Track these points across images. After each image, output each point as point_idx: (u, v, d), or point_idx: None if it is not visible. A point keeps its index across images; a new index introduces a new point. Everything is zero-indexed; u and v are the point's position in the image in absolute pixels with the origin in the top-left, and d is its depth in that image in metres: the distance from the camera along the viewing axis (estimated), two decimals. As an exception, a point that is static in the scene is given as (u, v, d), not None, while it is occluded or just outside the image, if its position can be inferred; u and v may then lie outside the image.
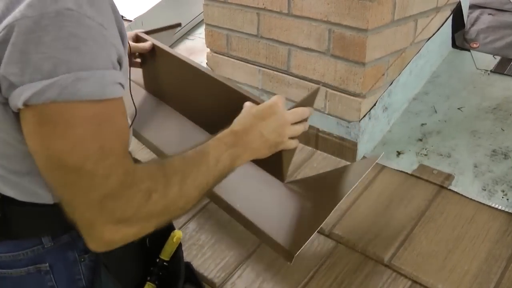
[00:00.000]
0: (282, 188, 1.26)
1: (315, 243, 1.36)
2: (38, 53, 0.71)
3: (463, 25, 1.87)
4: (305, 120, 1.14)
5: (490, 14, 2.00)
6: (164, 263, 1.18)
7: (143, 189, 0.81)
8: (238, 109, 1.11)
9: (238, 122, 1.06)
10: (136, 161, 0.95)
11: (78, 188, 0.77)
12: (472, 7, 1.99)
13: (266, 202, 1.26)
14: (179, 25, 1.89)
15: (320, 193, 1.25)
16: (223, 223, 1.48)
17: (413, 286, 1.21)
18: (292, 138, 1.11)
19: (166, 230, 1.19)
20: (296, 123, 1.11)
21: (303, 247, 1.08)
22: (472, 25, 1.94)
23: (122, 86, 0.81)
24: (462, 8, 1.81)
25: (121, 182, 0.78)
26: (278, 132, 1.07)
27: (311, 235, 1.10)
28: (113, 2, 0.83)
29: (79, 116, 0.74)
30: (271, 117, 1.07)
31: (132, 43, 1.51)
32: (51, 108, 0.73)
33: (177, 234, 1.19)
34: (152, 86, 1.64)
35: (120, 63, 0.82)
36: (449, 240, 1.27)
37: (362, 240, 1.32)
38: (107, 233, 0.79)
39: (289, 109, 1.12)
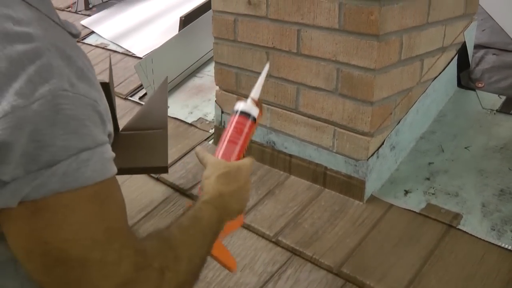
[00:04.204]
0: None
1: (323, 281, 1.36)
2: (35, 142, 0.62)
3: (468, 64, 1.89)
4: None
5: (494, 54, 2.02)
6: None
7: (156, 267, 0.73)
8: None
9: (219, 181, 0.98)
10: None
11: (86, 284, 0.67)
12: (477, 47, 2.01)
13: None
14: None
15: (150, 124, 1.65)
16: (231, 261, 1.47)
17: (423, 326, 1.20)
18: None
19: None
20: None
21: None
22: (477, 65, 1.96)
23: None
24: (467, 48, 1.84)
25: (134, 265, 0.70)
26: (246, 198, 1.04)
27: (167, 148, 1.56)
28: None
29: (79, 199, 0.66)
30: (243, 181, 1.02)
31: None
32: (50, 199, 0.64)
33: None
34: None
35: (109, 136, 0.75)
36: (459, 279, 1.27)
37: (371, 279, 1.31)
38: None
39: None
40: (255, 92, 1.04)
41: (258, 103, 1.02)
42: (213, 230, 0.92)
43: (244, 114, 1.00)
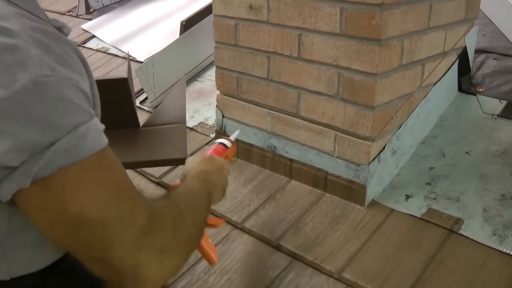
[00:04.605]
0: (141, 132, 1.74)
1: (324, 286, 1.35)
2: (31, 129, 0.67)
3: (469, 69, 1.89)
4: None
5: (495, 59, 2.03)
6: None
7: (167, 216, 0.83)
8: None
9: (199, 163, 1.17)
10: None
11: (110, 238, 0.75)
12: (477, 51, 2.02)
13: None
14: None
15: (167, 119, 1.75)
16: (231, 265, 1.47)
17: (424, 332, 1.20)
18: None
19: None
20: None
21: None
22: (478, 69, 1.96)
23: None
24: (468, 53, 1.84)
25: (148, 216, 0.79)
26: (226, 179, 1.23)
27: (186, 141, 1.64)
28: (81, 53, 0.81)
29: (84, 169, 0.72)
30: (219, 166, 1.22)
31: None
32: (57, 174, 0.70)
33: None
34: None
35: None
36: (460, 285, 1.26)
37: (372, 284, 1.31)
38: (154, 268, 0.78)
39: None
40: (233, 137, 1.45)
41: (233, 142, 1.40)
42: (205, 199, 1.04)
43: (222, 144, 1.36)
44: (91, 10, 3.74)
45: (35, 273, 0.87)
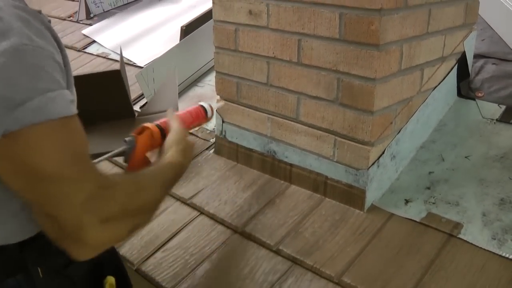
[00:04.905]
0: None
1: (324, 291, 1.36)
2: (8, 87, 0.79)
3: (468, 74, 1.90)
4: None
5: (494, 63, 2.03)
6: None
7: (121, 190, 0.93)
8: None
9: (180, 153, 1.22)
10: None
11: (61, 197, 0.84)
12: (476, 56, 2.02)
13: None
14: None
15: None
16: (231, 270, 1.47)
17: (424, 336, 1.20)
18: None
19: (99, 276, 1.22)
20: None
21: None
22: (477, 74, 1.97)
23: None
24: (467, 57, 1.84)
25: (98, 184, 0.87)
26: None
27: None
28: (55, 33, 0.91)
29: (49, 128, 0.82)
30: (192, 157, 1.30)
31: None
32: (25, 129, 0.80)
33: (109, 280, 1.21)
34: None
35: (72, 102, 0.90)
36: (459, 289, 1.27)
37: (372, 289, 1.31)
38: (94, 233, 0.85)
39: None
40: (215, 107, 1.54)
41: (213, 111, 1.49)
42: (172, 183, 1.14)
43: (203, 107, 1.46)
44: (91, 15, 3.74)
45: (14, 245, 0.96)
